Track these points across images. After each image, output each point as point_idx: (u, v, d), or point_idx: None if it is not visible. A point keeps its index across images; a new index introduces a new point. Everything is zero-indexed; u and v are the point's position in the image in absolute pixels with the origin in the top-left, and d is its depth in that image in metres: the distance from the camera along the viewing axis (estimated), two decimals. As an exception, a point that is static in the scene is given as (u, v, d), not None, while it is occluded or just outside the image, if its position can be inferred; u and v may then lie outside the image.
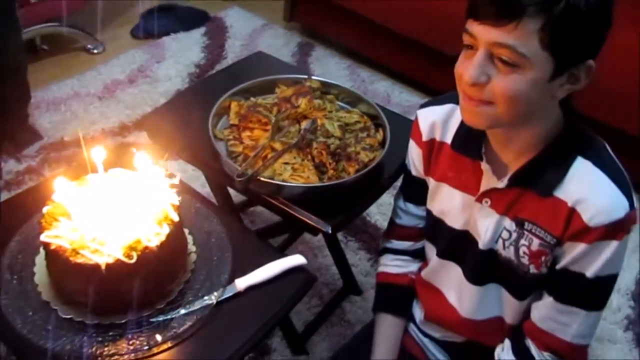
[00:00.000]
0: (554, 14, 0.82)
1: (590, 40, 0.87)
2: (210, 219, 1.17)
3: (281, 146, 1.29)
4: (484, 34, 0.85)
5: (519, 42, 0.83)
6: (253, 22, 2.87)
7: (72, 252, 0.94)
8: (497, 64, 0.86)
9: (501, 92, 0.87)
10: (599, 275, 0.95)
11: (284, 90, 1.43)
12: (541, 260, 0.98)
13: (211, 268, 1.08)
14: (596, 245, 0.93)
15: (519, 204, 0.98)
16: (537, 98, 0.88)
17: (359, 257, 1.87)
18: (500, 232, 1.01)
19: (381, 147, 1.33)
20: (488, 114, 0.90)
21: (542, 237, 0.97)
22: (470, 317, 1.10)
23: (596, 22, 0.86)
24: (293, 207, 1.23)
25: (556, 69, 0.86)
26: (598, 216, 0.91)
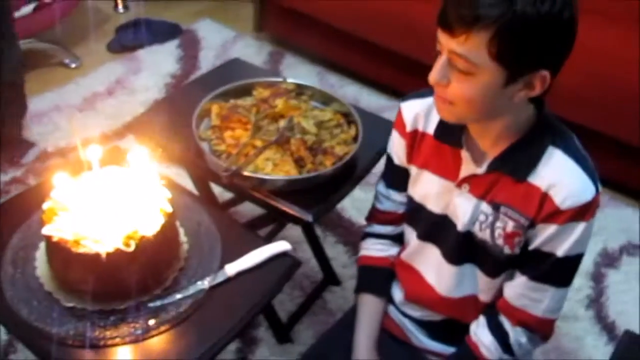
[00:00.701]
0: (501, 28, 0.87)
1: (541, 53, 0.92)
2: (199, 212, 1.25)
3: (262, 143, 1.37)
4: (444, 42, 0.93)
5: (470, 52, 0.90)
6: (225, 34, 2.95)
7: (74, 243, 1.01)
8: (454, 69, 0.94)
9: (457, 95, 0.95)
10: (568, 254, 1.02)
11: (261, 92, 1.52)
12: (515, 241, 1.06)
13: (202, 256, 1.16)
14: (567, 226, 1.00)
15: (495, 189, 1.06)
16: (493, 101, 0.95)
17: (337, 250, 1.96)
18: (478, 215, 1.08)
19: (354, 141, 1.43)
20: (451, 112, 0.99)
21: (516, 219, 1.04)
22: (447, 295, 1.17)
23: (547, 36, 0.90)
24: (276, 199, 1.32)
25: (508, 77, 0.92)
26: (569, 199, 0.98)
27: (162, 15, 3.01)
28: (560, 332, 1.82)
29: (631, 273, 2.02)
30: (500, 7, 0.87)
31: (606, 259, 2.06)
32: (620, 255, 2.08)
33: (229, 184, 1.32)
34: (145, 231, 1.04)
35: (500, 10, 0.87)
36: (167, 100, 1.67)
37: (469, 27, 0.89)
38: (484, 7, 0.87)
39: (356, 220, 2.07)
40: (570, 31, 0.93)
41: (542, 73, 0.93)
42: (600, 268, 2.03)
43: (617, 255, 2.08)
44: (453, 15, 0.90)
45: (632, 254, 2.09)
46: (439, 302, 1.20)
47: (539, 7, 0.87)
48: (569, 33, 0.93)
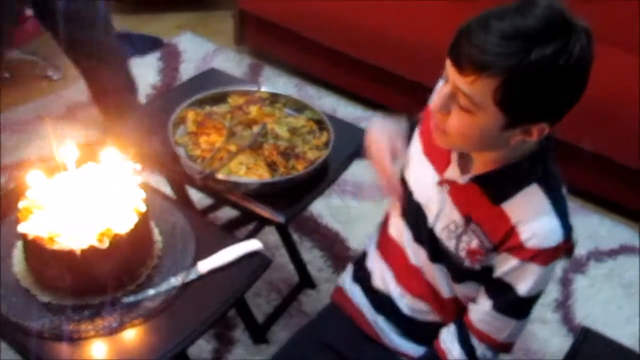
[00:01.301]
0: (509, 79, 0.87)
1: (544, 107, 0.93)
2: (174, 214, 1.30)
3: (235, 148, 1.43)
4: (452, 76, 0.94)
5: (475, 93, 0.91)
6: (205, 47, 3.00)
7: (49, 240, 1.05)
8: (456, 103, 0.95)
9: (454, 128, 0.97)
10: (529, 294, 1.06)
11: (236, 100, 1.58)
12: (476, 257, 1.09)
13: (176, 254, 1.20)
14: (526, 265, 1.02)
15: (472, 203, 1.08)
16: (489, 141, 0.98)
17: (313, 254, 2.01)
18: (449, 223, 1.12)
19: (326, 147, 1.48)
20: (445, 142, 1.02)
21: (481, 239, 1.07)
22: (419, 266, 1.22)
23: (551, 92, 0.90)
24: (249, 201, 1.36)
25: (508, 123, 0.94)
26: (533, 239, 1.01)
27: (144, 29, 3.05)
28: (527, 333, 1.88)
29: (597, 277, 2.09)
30: (513, 58, 0.87)
31: (574, 265, 2.12)
32: (587, 261, 2.15)
33: (203, 186, 1.36)
34: (118, 229, 1.08)
35: (512, 61, 0.87)
36: (145, 107, 1.70)
37: (479, 71, 0.89)
38: (498, 56, 0.87)
39: (333, 227, 2.12)
40: (580, 85, 0.92)
41: (542, 126, 0.94)
42: (568, 273, 2.09)
43: (585, 261, 2.15)
44: (465, 54, 0.90)
45: (598, 259, 2.16)
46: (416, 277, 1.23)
47: (554, 64, 0.87)
48: (579, 87, 0.92)
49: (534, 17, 0.88)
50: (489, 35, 0.88)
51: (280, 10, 2.70)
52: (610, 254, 2.18)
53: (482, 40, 0.88)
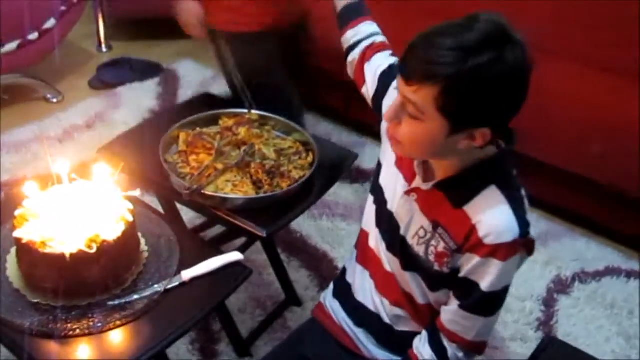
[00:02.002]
0: (448, 86, 0.96)
1: (484, 111, 1.01)
2: (161, 226, 1.36)
3: (222, 166, 1.50)
4: (400, 87, 1.04)
5: (419, 101, 1.00)
6: (203, 73, 3.11)
7: (41, 244, 1.11)
8: (406, 112, 1.04)
9: (405, 136, 1.06)
10: (493, 289, 1.10)
11: (226, 121, 1.65)
12: (444, 261, 1.15)
13: (161, 263, 1.26)
14: (486, 261, 1.08)
15: (437, 209, 1.15)
16: (439, 147, 1.05)
17: (300, 274, 2.07)
18: (419, 229, 1.18)
19: (311, 167, 1.55)
20: (400, 150, 1.12)
21: (447, 242, 1.14)
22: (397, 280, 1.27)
23: (491, 97, 1.00)
24: (234, 216, 1.43)
25: (452, 128, 1.02)
26: (491, 235, 1.06)
27: (144, 54, 3.17)
28: (508, 351, 1.93)
29: (581, 298, 2.14)
30: (451, 67, 0.95)
31: (559, 286, 2.18)
32: (572, 282, 2.20)
33: (190, 201, 1.43)
34: (106, 236, 1.14)
35: (449, 70, 0.95)
36: (139, 128, 1.78)
37: (422, 81, 0.98)
38: (437, 65, 0.96)
39: (321, 247, 2.19)
40: (517, 96, 1.00)
41: (483, 130, 1.02)
42: (552, 294, 2.14)
43: (570, 282, 2.20)
44: (410, 66, 1.00)
45: (583, 281, 2.21)
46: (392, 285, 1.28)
47: (489, 71, 0.95)
48: (515, 98, 1.00)
49: (475, 31, 0.97)
50: (432, 49, 0.97)
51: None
52: (594, 276, 2.23)
53: (425, 53, 0.98)
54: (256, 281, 1.99)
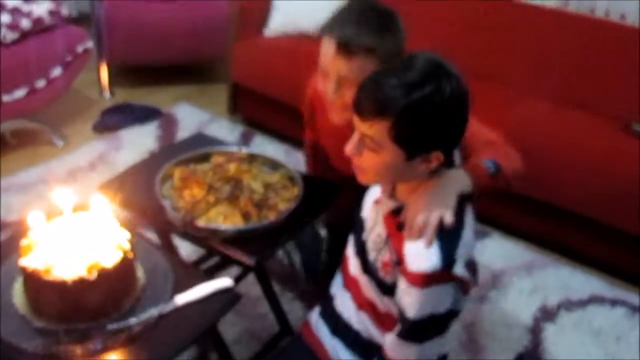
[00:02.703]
0: (399, 118, 1.09)
1: (433, 137, 1.14)
2: (157, 256, 1.46)
3: (214, 199, 1.60)
4: (357, 124, 1.17)
5: (375, 135, 1.13)
6: (201, 116, 3.24)
7: (45, 272, 1.21)
8: (365, 146, 1.16)
9: (367, 165, 1.18)
10: (417, 317, 1.16)
11: (217, 159, 1.77)
12: (388, 269, 1.25)
13: (156, 289, 1.36)
14: (407, 288, 1.17)
15: (392, 224, 1.25)
16: (399, 172, 1.18)
17: (294, 305, 2.14)
18: (376, 237, 1.29)
19: (296, 199, 1.66)
20: (366, 177, 1.23)
21: (392, 254, 1.24)
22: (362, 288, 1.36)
23: (434, 126, 1.13)
24: (225, 246, 1.53)
25: (407, 156, 1.15)
26: (413, 263, 1.16)
27: (144, 100, 3.31)
28: (496, 378, 1.99)
29: (567, 326, 2.19)
30: (398, 102, 1.09)
31: (545, 314, 2.23)
32: (558, 310, 2.25)
33: (184, 232, 1.53)
34: (105, 263, 1.24)
35: (397, 104, 1.09)
36: (137, 166, 1.90)
37: (374, 117, 1.12)
38: (385, 101, 1.10)
39: (313, 279, 2.26)
40: (458, 120, 1.14)
41: (436, 154, 1.15)
42: (539, 322, 2.19)
43: (555, 310, 2.25)
44: (362, 105, 1.14)
45: (569, 309, 2.26)
46: (357, 289, 1.37)
47: (431, 102, 1.09)
48: (457, 122, 1.14)
49: (414, 69, 1.11)
50: (379, 88, 1.11)
51: (269, 83, 2.95)
52: (580, 304, 2.28)
53: (373, 92, 1.12)
54: (251, 313, 2.07)
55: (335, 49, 1.37)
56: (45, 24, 2.66)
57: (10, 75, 2.56)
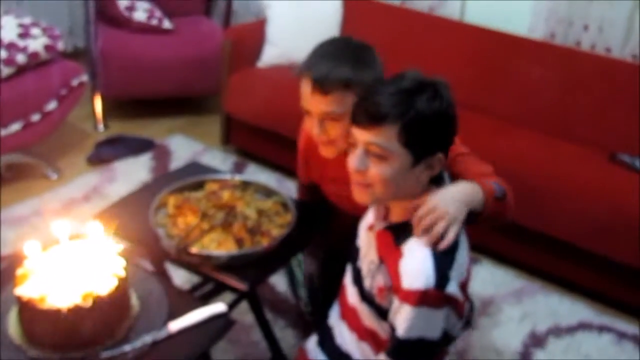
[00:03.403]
0: (406, 121, 1.17)
1: (437, 139, 1.22)
2: (151, 283, 1.48)
3: (207, 226, 1.63)
4: (360, 135, 1.21)
5: (383, 141, 1.18)
6: (194, 147, 3.28)
7: (40, 300, 1.23)
8: (371, 157, 1.21)
9: (376, 176, 1.21)
10: (408, 337, 1.17)
11: (211, 186, 1.80)
12: (383, 294, 1.26)
13: (150, 316, 1.37)
14: (401, 305, 1.18)
15: (386, 247, 1.28)
16: (404, 181, 1.22)
17: (286, 333, 2.15)
18: (370, 263, 1.32)
19: (289, 225, 1.69)
20: (370, 194, 1.25)
21: (386, 279, 1.25)
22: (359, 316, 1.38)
23: (440, 126, 1.21)
24: (218, 272, 1.55)
25: (414, 160, 1.20)
26: (407, 280, 1.18)
27: (138, 132, 3.35)
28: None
29: (556, 352, 2.21)
30: (401, 107, 1.17)
31: (534, 340, 2.25)
32: (546, 336, 2.27)
33: (178, 259, 1.55)
34: (100, 291, 1.26)
35: (401, 109, 1.16)
36: (132, 195, 1.92)
37: (380, 122, 1.18)
38: (389, 107, 1.17)
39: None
40: (454, 123, 1.23)
41: (439, 155, 1.22)
42: (528, 348, 2.21)
43: (544, 337, 2.27)
44: (366, 114, 1.19)
45: (558, 335, 2.29)
46: (356, 318, 1.39)
47: (432, 106, 1.18)
48: (454, 124, 1.23)
49: (406, 80, 1.20)
50: (379, 96, 1.18)
51: (262, 113, 3.00)
52: (568, 331, 2.31)
53: (375, 100, 1.18)
54: (243, 340, 2.08)
55: (311, 88, 1.43)
56: (41, 58, 2.70)
57: (7, 109, 2.60)
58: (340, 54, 1.44)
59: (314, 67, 1.42)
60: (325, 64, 1.41)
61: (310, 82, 1.42)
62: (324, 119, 1.46)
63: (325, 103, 1.42)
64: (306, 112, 1.50)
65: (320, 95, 1.42)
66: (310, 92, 1.43)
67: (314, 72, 1.42)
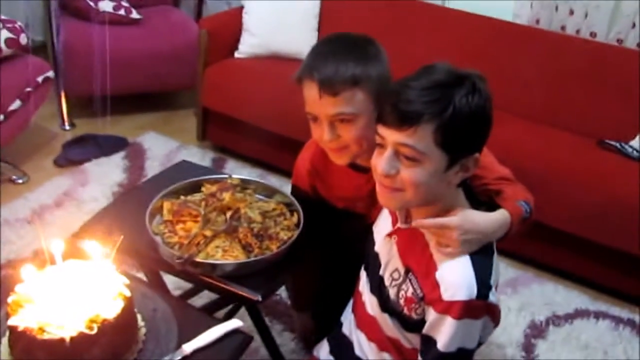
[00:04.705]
0: (443, 120, 1.05)
1: (474, 138, 1.11)
2: (154, 299, 1.34)
3: (211, 233, 1.50)
4: (390, 136, 1.09)
5: (418, 142, 1.06)
6: (169, 144, 3.12)
7: (39, 331, 1.08)
8: (402, 159, 1.09)
9: (408, 181, 1.10)
10: (448, 350, 1.11)
11: (209, 188, 1.66)
12: (411, 307, 1.19)
13: (160, 338, 1.24)
14: (442, 318, 1.11)
15: (412, 253, 1.20)
16: (437, 184, 1.11)
17: (284, 337, 2.04)
18: (393, 271, 1.23)
19: (297, 227, 1.57)
20: (399, 199, 1.14)
21: (415, 288, 1.18)
22: (379, 324, 1.30)
23: (477, 125, 1.10)
24: (226, 282, 1.42)
25: (449, 162, 1.09)
26: (449, 291, 1.11)
27: (107, 130, 3.16)
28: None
29: (557, 342, 2.20)
30: (438, 104, 1.04)
31: (534, 330, 2.23)
32: (546, 326, 2.26)
33: (182, 271, 1.42)
34: (106, 314, 1.12)
35: (438, 106, 1.04)
36: (118, 202, 1.77)
37: (416, 122, 1.05)
38: (426, 104, 1.05)
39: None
40: (491, 121, 1.12)
41: (475, 156, 1.11)
42: (530, 339, 2.19)
43: (544, 326, 2.25)
44: (399, 113, 1.07)
45: (556, 324, 2.28)
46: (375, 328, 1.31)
47: (471, 102, 1.06)
48: (490, 122, 1.11)
49: (439, 73, 1.08)
50: (412, 91, 1.06)
51: (241, 106, 2.86)
52: (566, 319, 2.30)
53: (408, 97, 1.06)
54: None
55: (318, 91, 1.31)
56: (2, 54, 2.50)
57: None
58: (342, 51, 1.33)
59: (317, 69, 1.31)
60: (329, 64, 1.30)
61: (315, 85, 1.31)
62: (335, 122, 1.35)
63: (335, 104, 1.31)
64: (312, 119, 1.39)
65: (329, 97, 1.31)
66: (318, 96, 1.32)
67: (319, 74, 1.30)
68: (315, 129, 1.40)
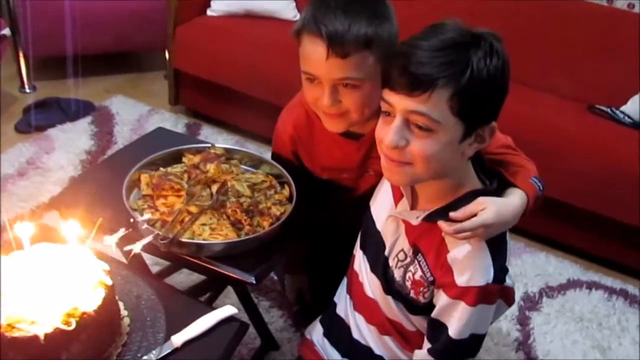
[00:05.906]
0: (460, 85, 0.93)
1: (492, 105, 0.99)
2: (137, 284, 1.21)
3: (197, 209, 1.36)
4: (400, 103, 0.96)
5: (432, 110, 0.94)
6: (139, 109, 2.93)
7: (8, 327, 0.94)
8: (414, 129, 0.97)
9: (419, 153, 0.98)
10: (461, 337, 1.06)
11: (191, 159, 1.51)
12: (419, 290, 1.10)
13: (146, 329, 1.11)
14: (455, 303, 1.04)
15: (421, 234, 1.10)
16: (450, 157, 1.00)
17: (272, 314, 1.93)
18: (399, 252, 1.13)
19: (289, 201, 1.44)
20: (408, 173, 1.02)
21: (424, 271, 1.09)
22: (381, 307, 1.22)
23: (496, 90, 0.98)
24: (216, 264, 1.29)
25: (465, 131, 0.97)
26: (462, 276, 1.03)
27: (72, 94, 2.95)
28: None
29: (551, 314, 2.15)
30: (454, 67, 0.92)
31: (529, 302, 2.18)
32: (540, 298, 2.22)
33: (167, 252, 1.28)
34: (86, 307, 0.98)
35: (455, 70, 0.92)
36: (90, 174, 1.61)
37: (432, 86, 0.92)
38: (441, 66, 0.92)
39: (289, 284, 2.06)
40: (508, 86, 1.01)
41: (492, 125, 1.00)
42: (524, 311, 2.14)
43: (538, 298, 2.21)
44: (410, 76, 0.94)
45: (550, 295, 2.23)
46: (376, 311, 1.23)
47: (490, 64, 0.93)
48: (507, 87, 1.01)
49: (452, 32, 0.95)
50: (424, 52, 0.93)
51: (215, 68, 2.69)
52: (559, 290, 2.27)
53: (419, 58, 0.93)
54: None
55: (326, 50, 1.15)
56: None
57: None
58: (353, 6, 1.17)
59: (325, 23, 1.14)
60: (339, 20, 1.14)
61: (322, 42, 1.15)
62: (338, 86, 1.21)
63: (344, 68, 1.16)
64: (309, 79, 1.24)
65: (337, 59, 1.15)
66: (324, 56, 1.16)
67: (328, 30, 1.14)
68: (311, 90, 1.25)
